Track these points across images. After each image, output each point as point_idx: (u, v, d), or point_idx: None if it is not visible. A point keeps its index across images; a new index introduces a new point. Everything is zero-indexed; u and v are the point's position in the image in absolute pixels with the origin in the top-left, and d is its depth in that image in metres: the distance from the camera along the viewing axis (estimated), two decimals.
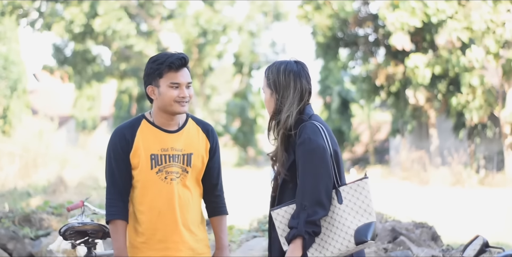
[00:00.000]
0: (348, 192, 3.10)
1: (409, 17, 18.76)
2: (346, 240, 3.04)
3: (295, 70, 3.23)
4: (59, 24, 25.90)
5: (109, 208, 3.34)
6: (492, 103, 18.79)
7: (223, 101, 33.66)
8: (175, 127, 3.39)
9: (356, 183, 3.11)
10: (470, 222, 11.99)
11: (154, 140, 3.34)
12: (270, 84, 3.24)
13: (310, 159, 3.07)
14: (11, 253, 7.07)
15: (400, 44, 19.59)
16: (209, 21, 28.10)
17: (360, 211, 3.08)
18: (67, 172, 16.14)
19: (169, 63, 3.27)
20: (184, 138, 3.38)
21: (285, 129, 3.17)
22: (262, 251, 6.23)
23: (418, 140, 24.75)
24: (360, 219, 3.06)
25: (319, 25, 22.72)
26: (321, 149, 3.08)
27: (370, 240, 3.03)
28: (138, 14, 28.13)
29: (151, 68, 3.31)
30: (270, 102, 3.25)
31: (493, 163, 20.93)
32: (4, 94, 22.26)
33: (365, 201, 3.08)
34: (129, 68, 29.04)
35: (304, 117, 3.19)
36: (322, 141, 3.10)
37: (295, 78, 3.22)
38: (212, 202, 3.54)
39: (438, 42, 19.26)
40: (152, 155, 3.32)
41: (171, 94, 3.29)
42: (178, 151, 3.35)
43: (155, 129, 3.36)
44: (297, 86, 3.21)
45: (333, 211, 3.09)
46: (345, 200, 3.09)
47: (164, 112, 3.34)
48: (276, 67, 3.25)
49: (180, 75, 3.31)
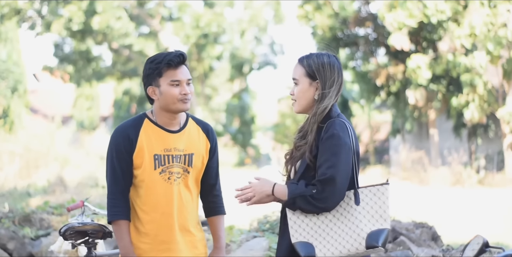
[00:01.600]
0: (367, 195, 3.10)
1: (407, 18, 18.78)
2: (357, 242, 3.04)
3: (338, 63, 3.24)
4: (58, 21, 25.89)
5: (112, 208, 3.32)
6: (492, 103, 18.79)
7: (223, 101, 33.68)
8: (177, 127, 3.37)
9: (376, 187, 3.11)
10: (470, 222, 11.99)
11: (158, 139, 3.32)
12: (313, 74, 3.20)
13: (337, 152, 3.06)
14: (11, 253, 7.06)
15: (399, 44, 19.60)
16: (209, 24, 28.12)
17: (375, 215, 3.07)
18: (67, 172, 16.13)
19: (168, 61, 3.25)
20: (185, 138, 3.37)
21: (319, 121, 3.16)
22: (262, 251, 6.22)
23: (418, 140, 24.75)
24: (375, 224, 3.06)
25: (319, 25, 22.73)
26: (348, 148, 3.08)
27: (381, 246, 3.03)
28: (138, 14, 28.13)
29: (150, 69, 3.29)
30: (307, 93, 3.22)
31: (493, 163, 20.93)
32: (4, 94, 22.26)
33: (383, 207, 3.08)
34: (129, 68, 29.04)
35: (332, 114, 3.18)
36: (348, 139, 3.10)
37: (339, 71, 3.22)
38: (210, 201, 3.53)
39: (441, 48, 19.30)
40: (156, 155, 3.30)
41: (173, 93, 3.26)
42: (180, 151, 3.34)
43: (158, 128, 3.34)
44: (339, 80, 3.22)
45: (349, 212, 3.08)
46: (363, 202, 3.09)
47: (166, 112, 3.32)
48: (319, 58, 3.23)
49: (179, 72, 3.28)
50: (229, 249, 6.43)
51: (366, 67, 23.03)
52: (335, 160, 3.05)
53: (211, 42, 29.52)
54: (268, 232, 6.68)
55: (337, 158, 3.05)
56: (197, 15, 28.39)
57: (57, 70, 29.01)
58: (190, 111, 25.77)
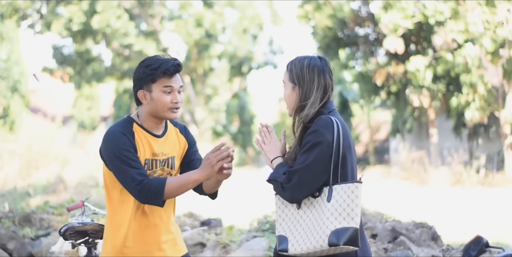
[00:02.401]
0: (338, 192, 3.07)
1: (402, 19, 18.80)
2: (321, 239, 3.02)
3: (319, 65, 3.22)
4: (58, 21, 25.89)
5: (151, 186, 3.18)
6: (492, 103, 18.80)
7: (223, 101, 33.69)
8: (161, 131, 3.38)
9: (347, 185, 3.07)
10: (470, 222, 11.98)
11: (147, 144, 3.32)
12: (293, 79, 3.22)
13: (311, 148, 3.09)
14: (11, 253, 7.07)
15: (392, 48, 19.65)
16: (213, 24, 28.14)
17: (343, 213, 3.03)
18: (67, 172, 16.13)
19: (164, 69, 3.24)
20: (168, 142, 3.39)
21: (305, 122, 3.18)
22: (262, 251, 6.22)
23: (418, 140, 24.76)
24: (341, 222, 3.02)
25: (319, 25, 22.74)
26: (326, 144, 3.08)
27: (343, 245, 2.98)
28: (138, 14, 28.13)
29: (144, 73, 3.26)
30: (291, 97, 3.24)
31: (493, 163, 20.93)
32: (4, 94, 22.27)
33: (351, 205, 3.03)
34: (128, 68, 29.03)
35: (324, 111, 3.19)
36: (331, 136, 3.09)
37: (319, 73, 3.21)
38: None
39: (435, 43, 19.31)
40: (146, 160, 3.31)
41: (164, 100, 3.26)
42: (164, 155, 3.36)
43: (146, 133, 3.33)
44: (321, 82, 3.20)
45: (320, 208, 3.08)
46: (333, 199, 3.06)
47: (154, 117, 3.32)
48: (300, 62, 3.23)
49: (173, 80, 3.28)
50: (229, 249, 6.44)
51: (366, 67, 23.03)
52: (307, 155, 3.08)
53: (213, 42, 29.54)
54: (268, 232, 6.68)
55: (310, 153, 3.07)
56: (199, 14, 28.40)
57: (57, 71, 29.01)
58: (190, 112, 25.74)
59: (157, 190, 3.16)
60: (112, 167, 3.24)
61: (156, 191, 3.16)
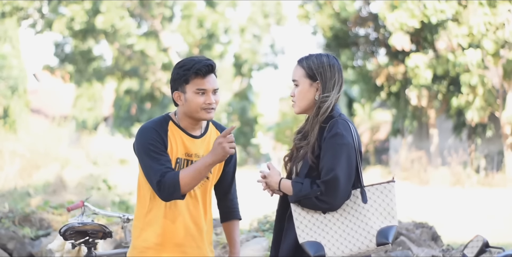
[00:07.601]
0: (374, 193, 3.13)
1: (408, 18, 18.78)
2: (367, 239, 3.06)
3: (337, 64, 3.25)
4: (60, 20, 25.87)
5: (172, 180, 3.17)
6: (492, 103, 18.79)
7: (224, 101, 33.69)
8: (199, 132, 3.36)
9: (383, 185, 3.14)
10: (470, 222, 11.98)
11: (181, 143, 3.30)
12: (312, 75, 3.22)
13: (340, 152, 3.08)
14: (11, 253, 7.07)
15: (399, 45, 19.60)
16: (215, 24, 28.14)
17: (384, 213, 3.11)
18: (67, 172, 16.12)
19: (196, 69, 3.22)
20: (206, 144, 3.36)
21: (321, 121, 3.17)
22: (262, 251, 6.22)
23: (418, 140, 24.75)
24: (383, 221, 3.09)
25: (320, 25, 22.73)
26: (351, 147, 3.10)
27: (390, 242, 3.07)
28: (140, 14, 28.12)
29: (178, 74, 3.26)
30: (308, 93, 3.24)
31: (493, 163, 20.93)
32: (4, 94, 22.26)
33: (390, 204, 3.12)
34: (129, 68, 29.03)
35: (334, 114, 3.19)
36: (351, 139, 3.12)
37: (338, 71, 3.23)
38: (226, 206, 3.52)
39: (438, 47, 19.31)
40: (178, 159, 3.30)
41: (198, 101, 3.24)
42: (198, 157, 3.33)
43: (182, 132, 3.32)
44: (340, 81, 3.23)
45: (356, 210, 3.11)
46: (370, 200, 3.12)
47: (189, 118, 3.30)
48: (318, 59, 3.24)
49: (206, 81, 3.25)
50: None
51: (366, 67, 23.02)
52: (338, 160, 3.07)
53: (215, 42, 29.54)
54: (268, 232, 6.68)
55: (340, 157, 3.07)
56: (201, 15, 28.40)
57: (57, 70, 29.00)
58: None
59: (173, 184, 3.15)
60: (139, 161, 3.26)
61: (172, 185, 3.15)
